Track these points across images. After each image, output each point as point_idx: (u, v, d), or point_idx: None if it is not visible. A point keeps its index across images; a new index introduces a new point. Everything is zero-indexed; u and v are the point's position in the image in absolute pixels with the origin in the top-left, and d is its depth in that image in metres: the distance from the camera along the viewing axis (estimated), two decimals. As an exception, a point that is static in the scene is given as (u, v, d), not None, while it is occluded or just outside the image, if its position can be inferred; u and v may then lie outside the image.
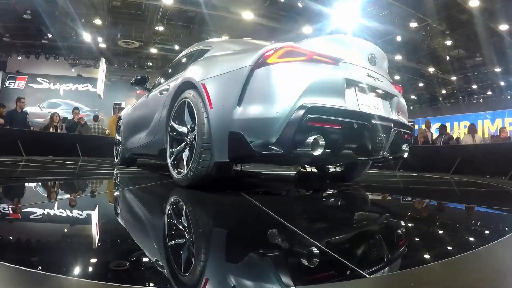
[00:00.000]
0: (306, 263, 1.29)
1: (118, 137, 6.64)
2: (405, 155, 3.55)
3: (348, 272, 1.19)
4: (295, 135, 2.53)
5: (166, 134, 3.65)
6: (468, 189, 4.71)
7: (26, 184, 3.53)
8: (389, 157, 3.40)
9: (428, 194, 4.25)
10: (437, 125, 13.30)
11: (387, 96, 3.47)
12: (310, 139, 2.54)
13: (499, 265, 1.34)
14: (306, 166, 5.42)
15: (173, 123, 3.52)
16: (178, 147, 3.37)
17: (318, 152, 2.57)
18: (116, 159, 6.68)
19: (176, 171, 3.36)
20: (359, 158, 3.19)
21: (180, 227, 1.89)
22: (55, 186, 3.59)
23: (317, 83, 2.71)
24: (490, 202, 3.63)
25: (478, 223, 2.49)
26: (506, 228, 2.11)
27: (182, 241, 1.65)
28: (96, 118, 13.47)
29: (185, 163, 3.22)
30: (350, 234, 1.89)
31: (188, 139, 3.23)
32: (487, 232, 2.11)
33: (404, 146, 3.50)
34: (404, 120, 3.63)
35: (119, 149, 6.47)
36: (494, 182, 5.82)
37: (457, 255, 1.38)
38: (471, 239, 1.89)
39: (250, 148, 2.68)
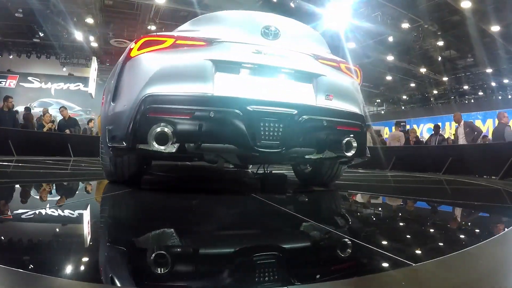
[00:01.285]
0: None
1: None
2: (350, 153, 2.78)
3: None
4: (138, 128, 2.37)
5: None
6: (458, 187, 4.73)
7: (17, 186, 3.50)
8: (315, 156, 2.87)
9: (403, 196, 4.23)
10: (429, 125, 13.38)
11: (308, 76, 2.85)
12: (152, 131, 2.30)
13: (491, 264, 1.34)
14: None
15: None
16: None
17: (166, 146, 2.31)
18: None
19: None
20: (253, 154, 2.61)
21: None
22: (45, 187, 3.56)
23: (167, 71, 2.50)
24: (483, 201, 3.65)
25: (468, 222, 2.50)
26: (496, 227, 2.11)
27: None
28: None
29: None
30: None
31: None
32: (477, 231, 2.12)
33: (345, 140, 2.74)
34: (337, 105, 2.88)
35: None
36: (485, 181, 5.85)
37: (448, 254, 1.38)
38: (462, 237, 1.90)
39: (106, 143, 2.67)
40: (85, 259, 1.28)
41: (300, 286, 1.08)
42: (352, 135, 2.78)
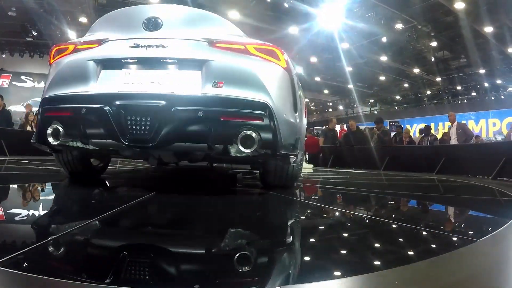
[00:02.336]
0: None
1: None
2: (250, 149, 2.40)
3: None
4: (39, 126, 2.69)
5: None
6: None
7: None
8: (211, 153, 2.56)
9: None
10: (422, 125, 13.44)
11: (196, 63, 2.58)
12: (48, 129, 2.58)
13: (485, 263, 1.36)
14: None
15: None
16: None
17: (57, 142, 2.58)
18: None
19: None
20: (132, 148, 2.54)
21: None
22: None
23: (62, 74, 2.74)
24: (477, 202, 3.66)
25: (462, 223, 2.51)
26: (490, 228, 2.13)
27: None
28: None
29: None
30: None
31: None
32: (470, 232, 2.13)
33: (241, 134, 2.40)
34: (229, 93, 2.50)
35: None
36: (479, 182, 5.89)
37: (441, 254, 1.39)
38: (454, 238, 1.91)
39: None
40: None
41: (300, 286, 1.08)
42: (251, 128, 2.42)
